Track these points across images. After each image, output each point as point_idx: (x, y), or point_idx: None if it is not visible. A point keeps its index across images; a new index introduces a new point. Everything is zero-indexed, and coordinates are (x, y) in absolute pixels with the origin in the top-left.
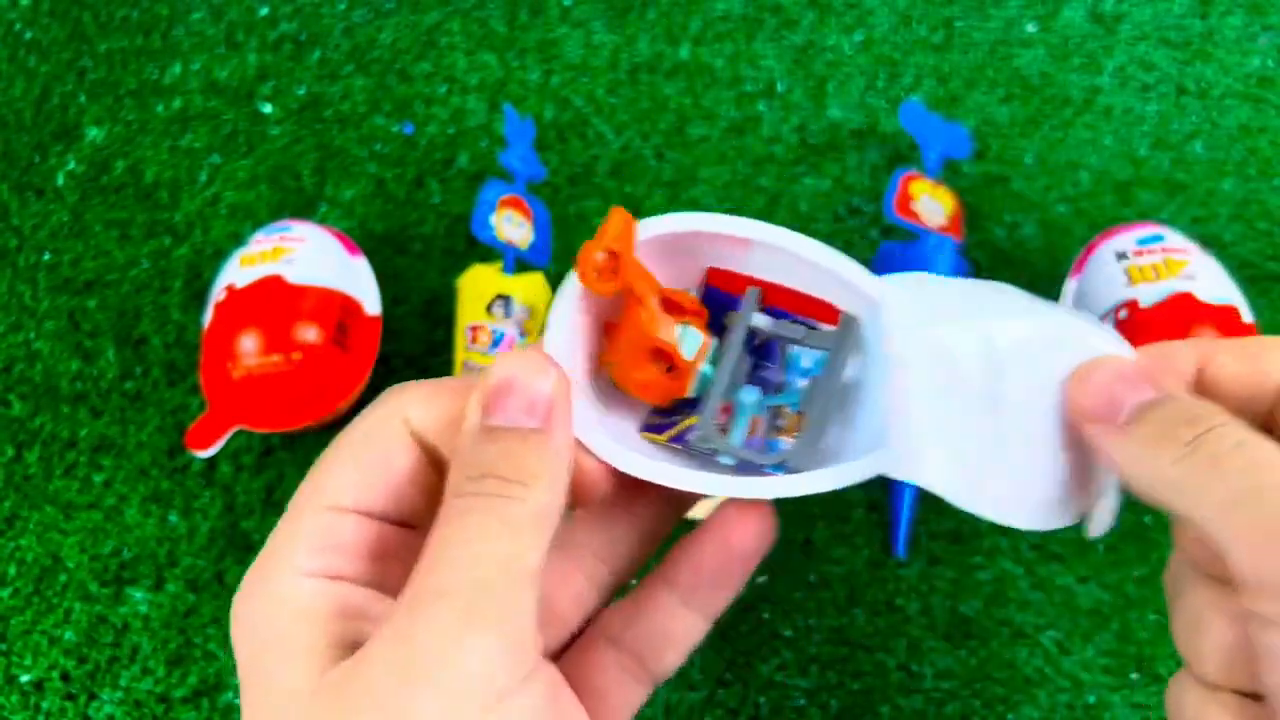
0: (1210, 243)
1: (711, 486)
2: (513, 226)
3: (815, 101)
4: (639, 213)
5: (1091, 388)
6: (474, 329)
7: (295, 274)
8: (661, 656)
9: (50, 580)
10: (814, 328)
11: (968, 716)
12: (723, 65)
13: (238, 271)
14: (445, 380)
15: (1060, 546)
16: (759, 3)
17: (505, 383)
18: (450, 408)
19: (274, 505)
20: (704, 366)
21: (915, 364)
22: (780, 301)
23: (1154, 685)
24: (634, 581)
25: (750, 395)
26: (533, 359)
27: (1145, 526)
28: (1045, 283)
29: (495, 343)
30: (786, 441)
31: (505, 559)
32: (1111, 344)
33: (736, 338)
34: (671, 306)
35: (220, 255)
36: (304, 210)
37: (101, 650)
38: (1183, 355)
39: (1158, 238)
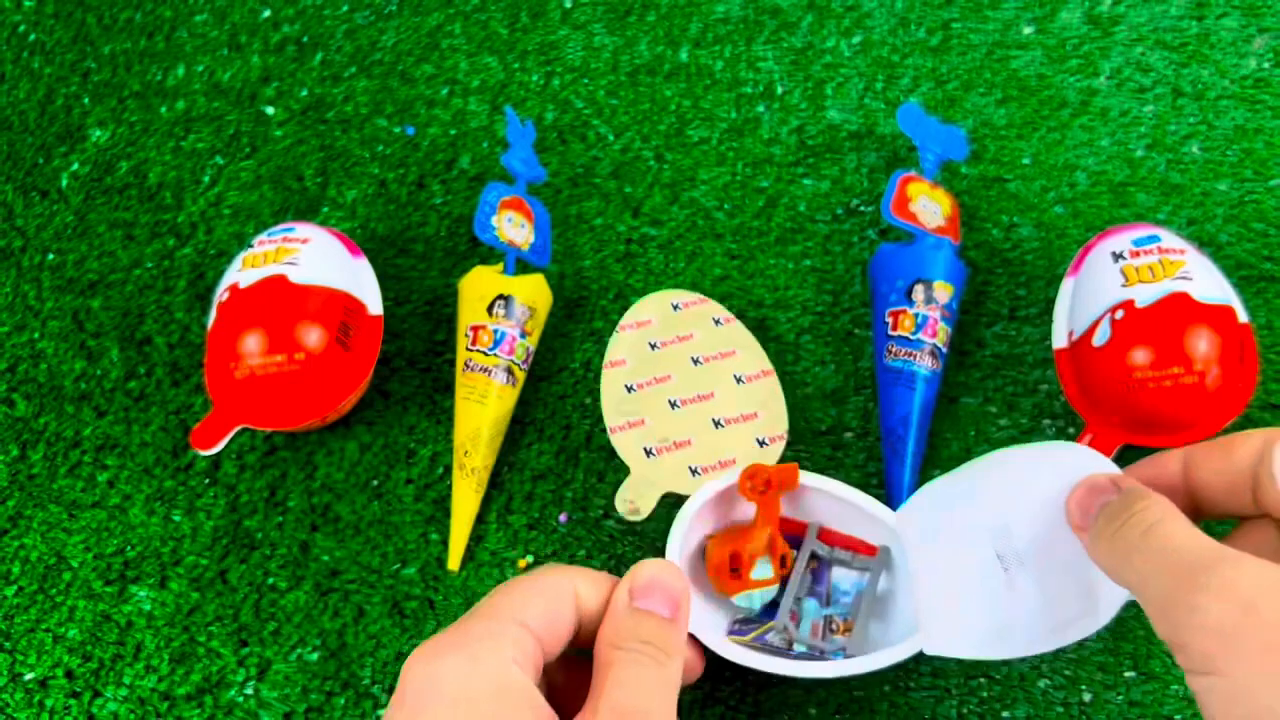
0: (1206, 243)
1: (794, 670)
2: (514, 228)
3: (814, 103)
4: (638, 212)
5: (1073, 504)
6: (475, 329)
7: (298, 274)
8: None
9: (54, 579)
10: (854, 556)
11: (963, 714)
12: (722, 67)
13: (241, 272)
14: (603, 573)
15: None
16: (758, 5)
17: (652, 580)
18: (605, 592)
19: (277, 504)
20: (757, 594)
21: (925, 574)
22: (828, 539)
23: (1149, 684)
24: None
25: (811, 605)
26: (671, 568)
27: None
28: (1042, 283)
29: (496, 343)
30: (840, 638)
31: (661, 697)
32: (1096, 463)
33: (802, 561)
34: (773, 545)
35: (223, 256)
36: (307, 211)
37: (105, 648)
38: (1170, 462)
39: (1154, 238)
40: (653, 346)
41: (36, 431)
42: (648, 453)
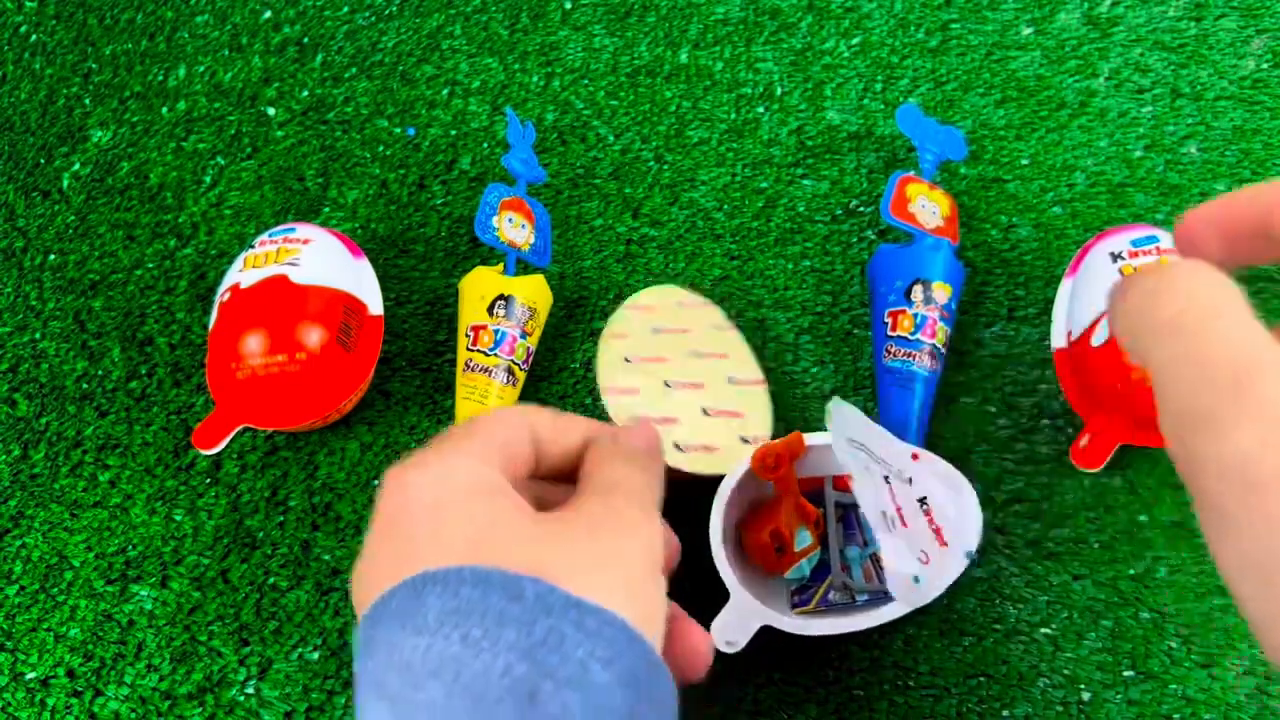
0: None
1: (877, 619)
2: (514, 228)
3: (813, 105)
4: (638, 213)
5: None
6: (476, 329)
7: (299, 275)
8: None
9: (56, 578)
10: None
11: (962, 713)
12: (721, 69)
13: (242, 272)
14: (557, 412)
15: (1055, 545)
16: (757, 7)
17: (629, 425)
18: (562, 430)
19: (278, 503)
20: (804, 561)
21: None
22: (841, 485)
23: (1148, 683)
24: None
25: (854, 551)
26: (644, 422)
27: (1139, 525)
28: (1040, 284)
29: (497, 343)
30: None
31: (650, 489)
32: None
33: (831, 517)
34: (802, 511)
35: (225, 257)
36: (308, 212)
37: (107, 647)
38: (1254, 199)
39: (1152, 239)
40: (655, 331)
41: (38, 431)
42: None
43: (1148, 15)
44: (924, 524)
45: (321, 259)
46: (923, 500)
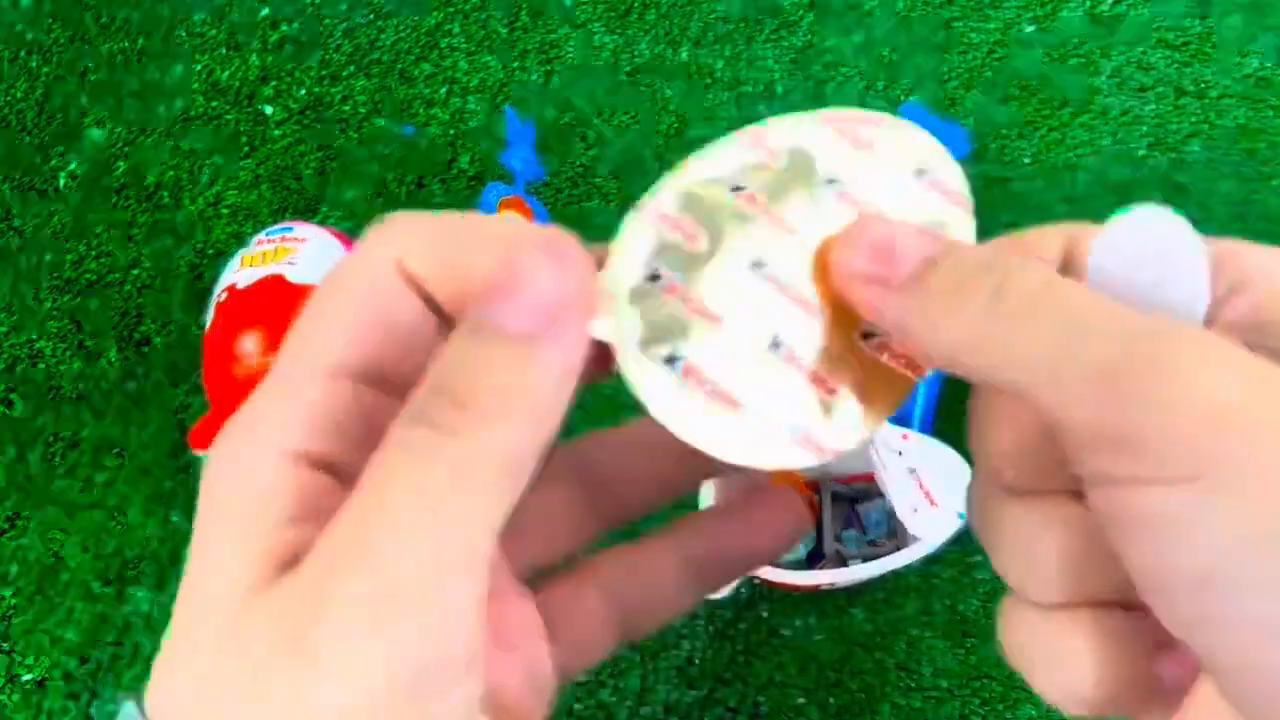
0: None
1: (870, 570)
2: None
3: (814, 103)
4: None
5: (865, 244)
6: None
7: (297, 274)
8: (650, 618)
9: (52, 580)
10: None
11: (966, 715)
12: (722, 67)
13: (239, 272)
14: (446, 217)
15: None
16: (758, 5)
17: (523, 267)
18: (456, 255)
19: None
20: (800, 547)
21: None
22: (838, 479)
23: None
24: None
25: (852, 536)
26: (565, 242)
27: None
28: None
29: None
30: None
31: (445, 542)
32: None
33: (827, 507)
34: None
35: (222, 256)
36: (305, 211)
37: (104, 649)
38: (1048, 239)
39: None
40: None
41: (34, 432)
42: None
43: (1151, 13)
44: (914, 486)
45: (319, 258)
46: (912, 470)
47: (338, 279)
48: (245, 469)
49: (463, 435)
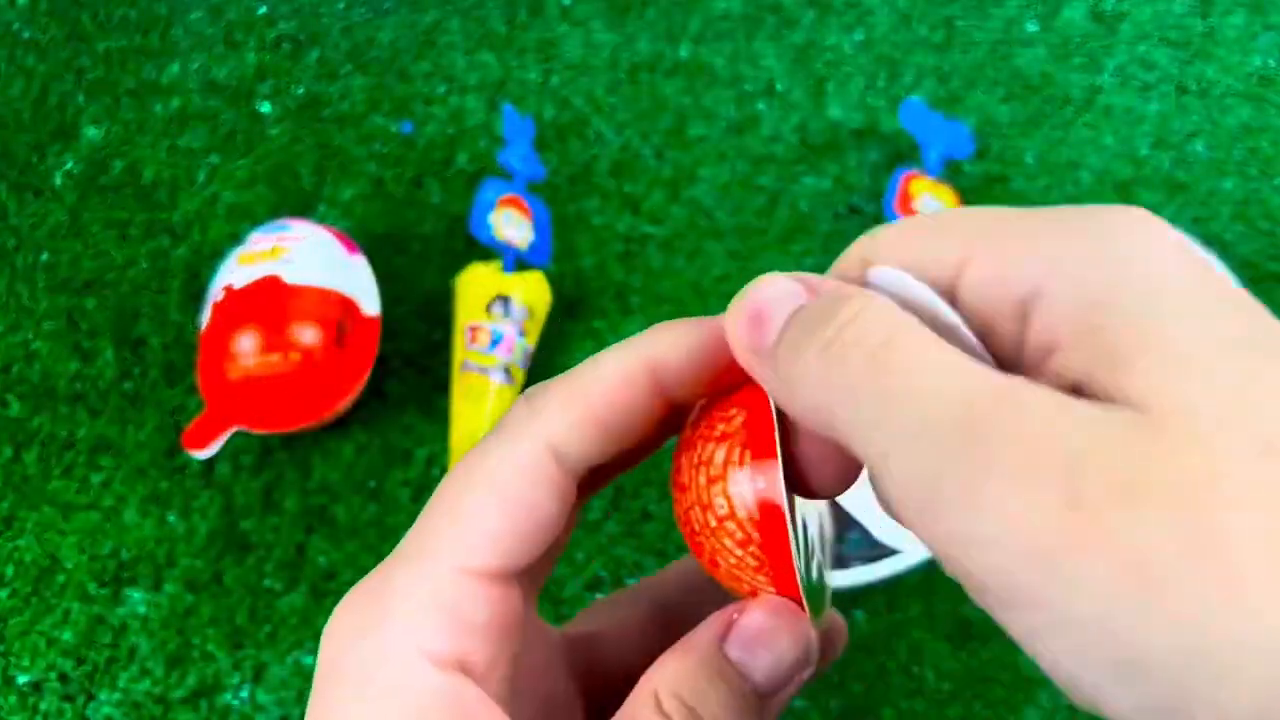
0: (1211, 242)
1: (867, 574)
2: (512, 226)
3: (815, 101)
4: (638, 211)
5: (745, 307)
6: (473, 329)
7: (293, 274)
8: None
9: (48, 581)
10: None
11: (969, 718)
12: (722, 64)
13: (236, 271)
14: (592, 386)
15: None
16: (759, 2)
17: (774, 618)
18: (611, 428)
19: (273, 506)
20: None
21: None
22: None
23: None
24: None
25: (853, 539)
26: (789, 610)
27: None
28: None
29: (494, 343)
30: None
31: None
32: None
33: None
34: None
35: (219, 255)
36: (303, 210)
37: (100, 651)
38: (851, 260)
39: None
40: None
41: (30, 432)
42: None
43: (1154, 11)
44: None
45: (316, 257)
46: None
47: (484, 465)
48: (390, 684)
49: None
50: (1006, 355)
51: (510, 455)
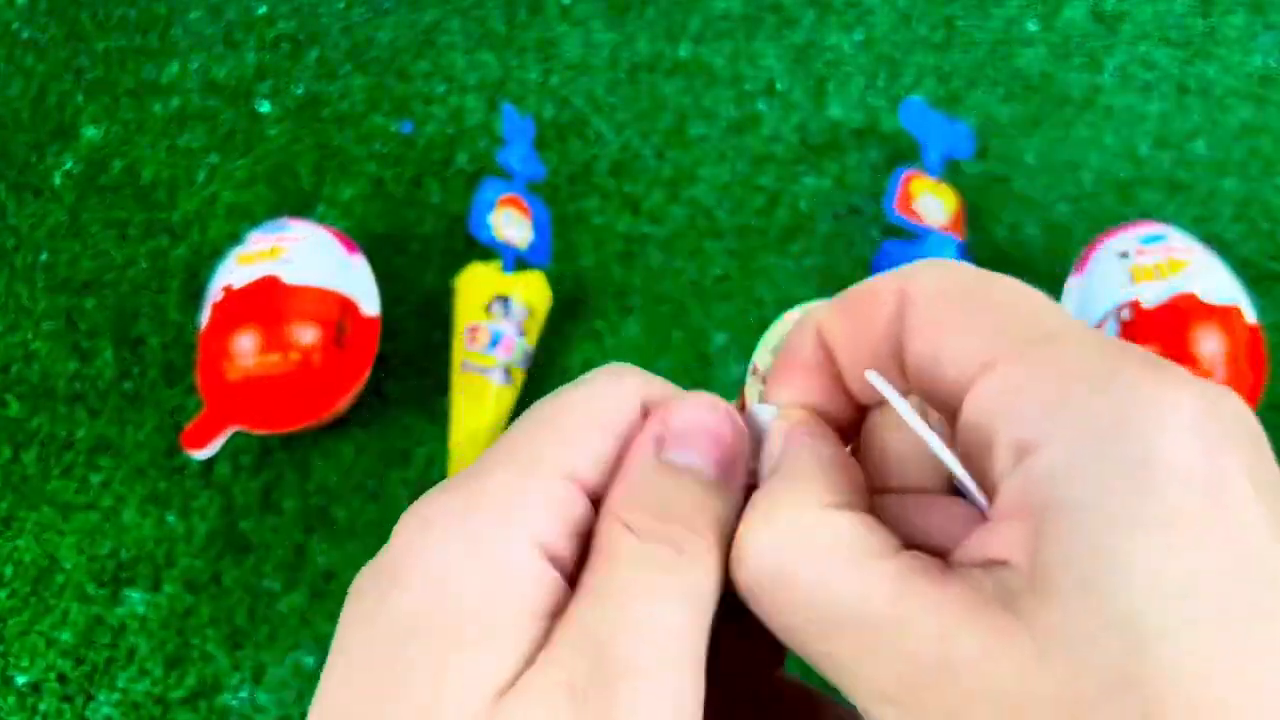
0: (1212, 242)
1: None
2: (512, 226)
3: (815, 100)
4: (638, 210)
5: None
6: (472, 329)
7: (292, 274)
8: None
9: (47, 581)
10: None
11: None
12: (722, 64)
13: (235, 270)
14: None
15: None
16: (759, 2)
17: (693, 422)
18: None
19: (272, 506)
20: None
21: None
22: None
23: None
24: None
25: None
26: (721, 407)
27: None
28: (1047, 282)
29: (493, 342)
30: None
31: (671, 626)
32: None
33: None
34: None
35: (218, 255)
36: (302, 210)
37: (99, 651)
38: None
39: (1160, 237)
40: None
41: (29, 432)
42: None
43: (1154, 10)
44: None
45: (316, 257)
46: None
47: (598, 395)
48: (500, 558)
49: (689, 556)
50: (988, 478)
51: (603, 392)
